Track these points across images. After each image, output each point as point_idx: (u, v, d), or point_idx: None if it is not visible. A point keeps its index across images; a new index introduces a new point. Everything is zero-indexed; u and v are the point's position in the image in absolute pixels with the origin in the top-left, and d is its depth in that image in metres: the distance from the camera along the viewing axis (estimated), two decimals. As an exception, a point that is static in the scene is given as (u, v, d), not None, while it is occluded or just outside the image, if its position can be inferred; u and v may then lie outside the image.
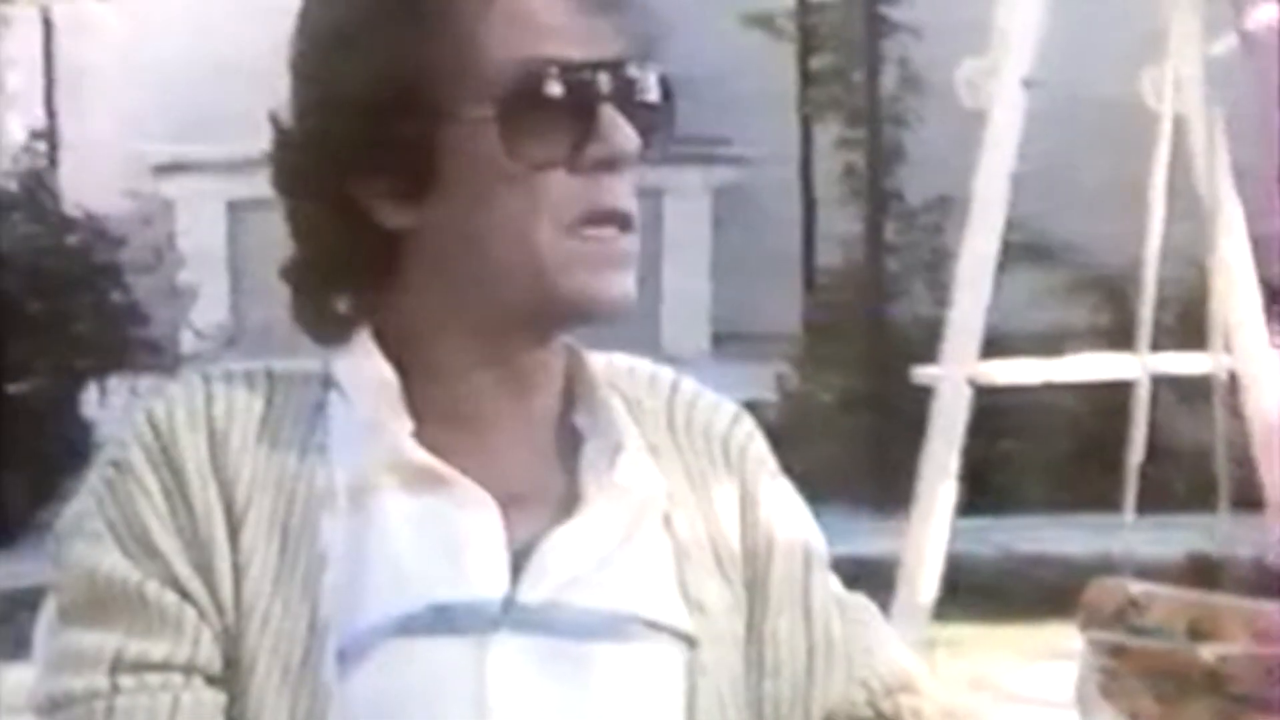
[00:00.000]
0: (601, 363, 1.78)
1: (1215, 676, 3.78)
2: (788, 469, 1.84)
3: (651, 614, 1.70)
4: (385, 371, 1.71)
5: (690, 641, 1.71)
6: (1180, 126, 4.41)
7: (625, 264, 1.69)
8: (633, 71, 1.69)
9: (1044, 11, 4.37)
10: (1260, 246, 4.55)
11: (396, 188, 1.68)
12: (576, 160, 1.67)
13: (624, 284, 1.69)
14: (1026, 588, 6.20)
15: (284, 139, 1.72)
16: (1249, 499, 4.29)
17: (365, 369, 1.72)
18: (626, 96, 1.68)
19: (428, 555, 1.67)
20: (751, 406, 1.87)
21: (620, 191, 1.68)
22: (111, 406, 8.01)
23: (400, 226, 1.69)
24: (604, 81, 1.67)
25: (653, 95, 1.70)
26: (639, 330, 1.72)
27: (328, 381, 1.73)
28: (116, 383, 8.12)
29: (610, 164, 1.67)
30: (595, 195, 1.67)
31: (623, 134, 1.67)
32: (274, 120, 1.72)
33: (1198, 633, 3.83)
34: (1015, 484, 7.56)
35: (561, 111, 1.67)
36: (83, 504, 1.70)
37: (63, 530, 1.70)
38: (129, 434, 1.69)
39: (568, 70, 1.67)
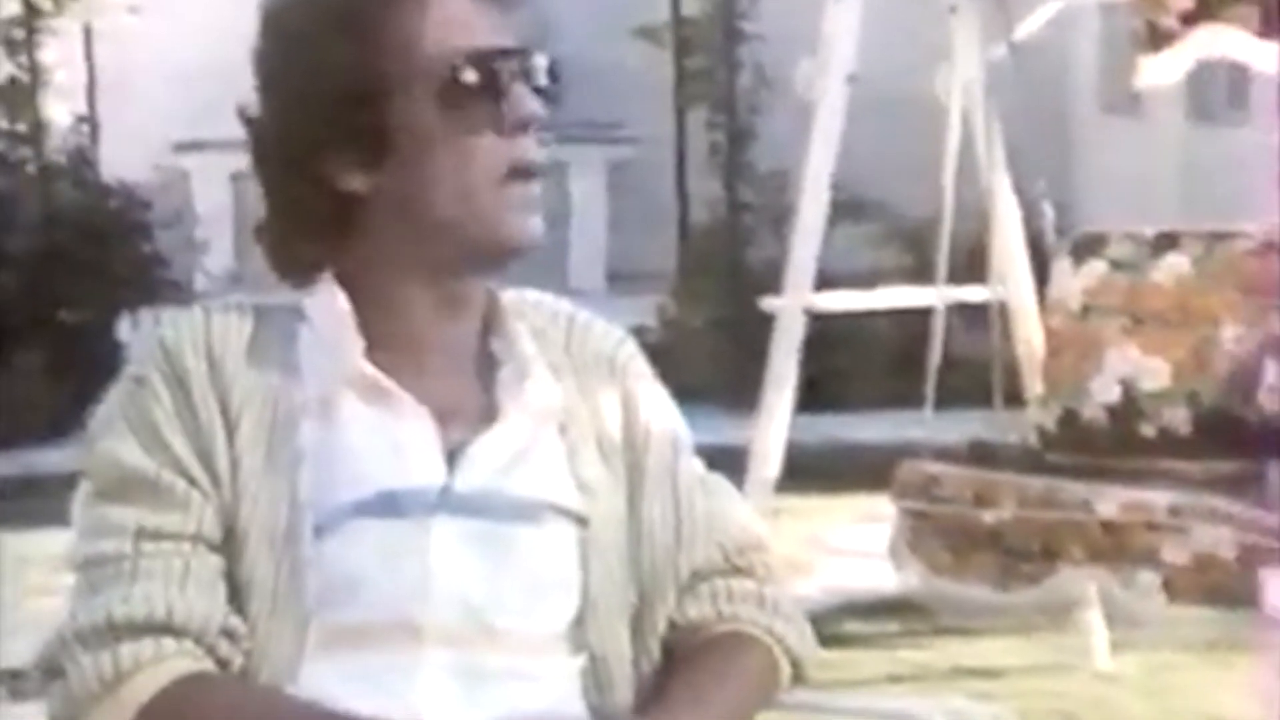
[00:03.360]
0: (512, 298, 1.77)
1: (994, 534, 3.81)
2: (664, 378, 1.83)
3: (554, 498, 1.70)
4: (343, 306, 1.69)
5: (583, 520, 1.70)
6: (965, 114, 4.42)
7: (536, 208, 1.68)
8: (532, 55, 1.68)
9: (860, 24, 4.36)
10: (1025, 206, 4.57)
11: (357, 159, 1.66)
12: (498, 124, 1.65)
13: (537, 224, 1.69)
14: (850, 468, 6.21)
15: (256, 128, 1.70)
16: (1016, 398, 4.31)
17: (328, 304, 1.70)
18: (529, 75, 1.68)
19: (378, 453, 1.66)
20: (637, 330, 1.87)
21: (531, 147, 1.68)
22: (141, 332, 7.96)
23: (359, 190, 1.67)
24: (512, 63, 1.67)
25: (545, 76, 1.69)
26: (552, 271, 1.72)
27: (300, 314, 1.71)
28: (145, 314, 8.05)
29: (523, 125, 1.67)
30: (514, 152, 1.66)
31: (529, 101, 1.67)
32: (241, 113, 1.70)
33: (980, 501, 3.85)
34: (840, 388, 7.58)
35: (484, 88, 1.65)
36: (110, 409, 1.68)
37: (94, 429, 1.68)
38: (145, 355, 1.68)
39: (485, 56, 1.66)
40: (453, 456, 1.67)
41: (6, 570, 5.40)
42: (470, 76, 1.65)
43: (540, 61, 1.69)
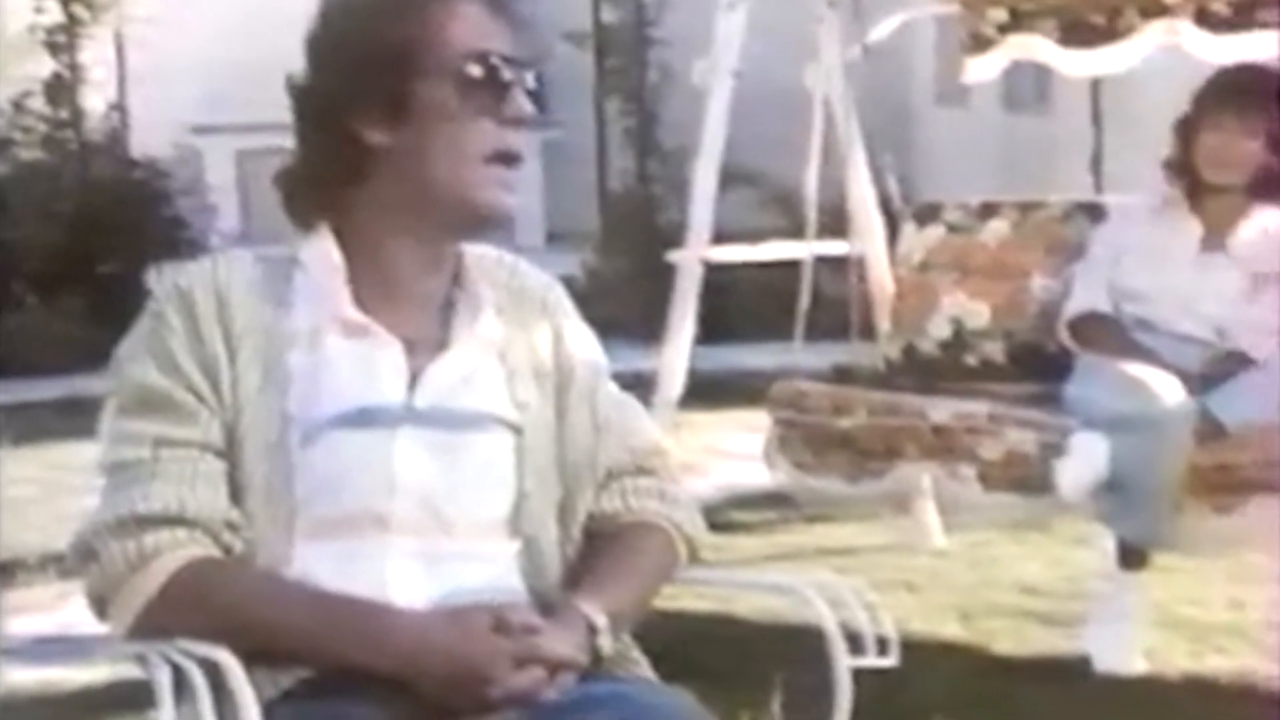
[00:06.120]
0: (474, 253, 1.75)
1: (847, 437, 3.83)
2: (588, 317, 1.82)
3: (496, 412, 1.69)
4: (335, 254, 1.67)
5: (519, 430, 1.69)
6: (828, 103, 4.41)
7: (513, 189, 1.67)
8: (527, 67, 1.67)
9: (744, 29, 4.34)
10: (875, 175, 4.56)
11: (381, 118, 1.63)
12: (499, 115, 1.64)
13: (511, 202, 1.67)
14: (736, 387, 6.22)
15: (301, 91, 1.66)
16: (869, 333, 4.32)
17: (321, 253, 1.68)
18: (524, 82, 1.66)
19: (356, 376, 1.64)
20: (567, 280, 1.86)
21: (519, 141, 1.66)
22: (163, 279, 7.89)
23: (379, 144, 1.64)
24: (516, 70, 1.65)
25: (533, 86, 1.68)
26: (500, 231, 1.72)
27: (295, 262, 1.69)
28: (167, 265, 7.98)
29: (518, 121, 1.65)
30: (505, 140, 1.65)
31: (526, 103, 1.65)
32: (289, 80, 1.66)
33: (837, 411, 3.86)
34: (730, 324, 7.59)
35: (492, 83, 1.64)
36: (133, 341, 1.66)
37: (120, 356, 1.66)
38: (163, 296, 1.66)
39: (497, 58, 1.64)
40: (414, 379, 1.66)
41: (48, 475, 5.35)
42: (478, 71, 1.64)
43: (530, 74, 1.68)
